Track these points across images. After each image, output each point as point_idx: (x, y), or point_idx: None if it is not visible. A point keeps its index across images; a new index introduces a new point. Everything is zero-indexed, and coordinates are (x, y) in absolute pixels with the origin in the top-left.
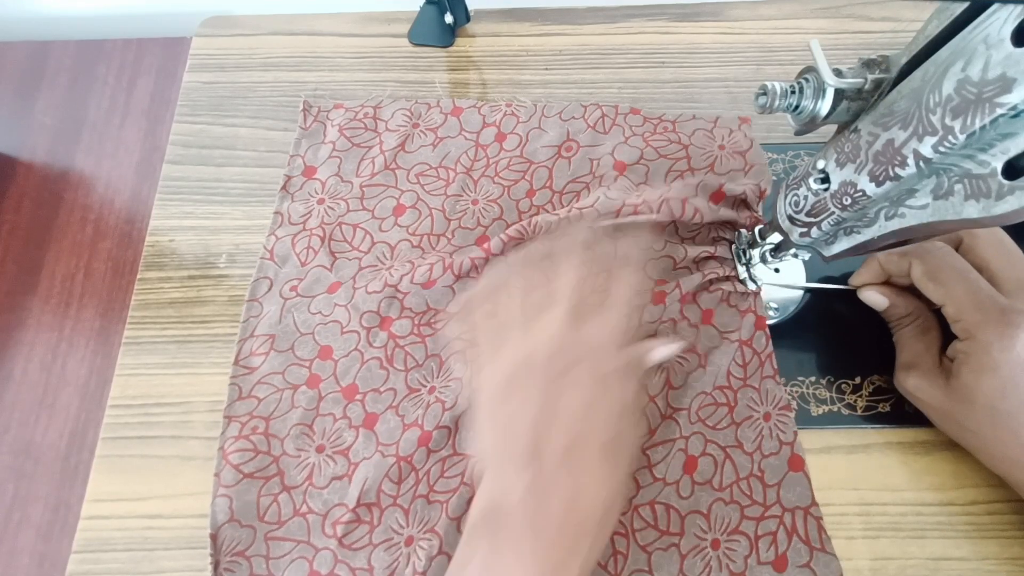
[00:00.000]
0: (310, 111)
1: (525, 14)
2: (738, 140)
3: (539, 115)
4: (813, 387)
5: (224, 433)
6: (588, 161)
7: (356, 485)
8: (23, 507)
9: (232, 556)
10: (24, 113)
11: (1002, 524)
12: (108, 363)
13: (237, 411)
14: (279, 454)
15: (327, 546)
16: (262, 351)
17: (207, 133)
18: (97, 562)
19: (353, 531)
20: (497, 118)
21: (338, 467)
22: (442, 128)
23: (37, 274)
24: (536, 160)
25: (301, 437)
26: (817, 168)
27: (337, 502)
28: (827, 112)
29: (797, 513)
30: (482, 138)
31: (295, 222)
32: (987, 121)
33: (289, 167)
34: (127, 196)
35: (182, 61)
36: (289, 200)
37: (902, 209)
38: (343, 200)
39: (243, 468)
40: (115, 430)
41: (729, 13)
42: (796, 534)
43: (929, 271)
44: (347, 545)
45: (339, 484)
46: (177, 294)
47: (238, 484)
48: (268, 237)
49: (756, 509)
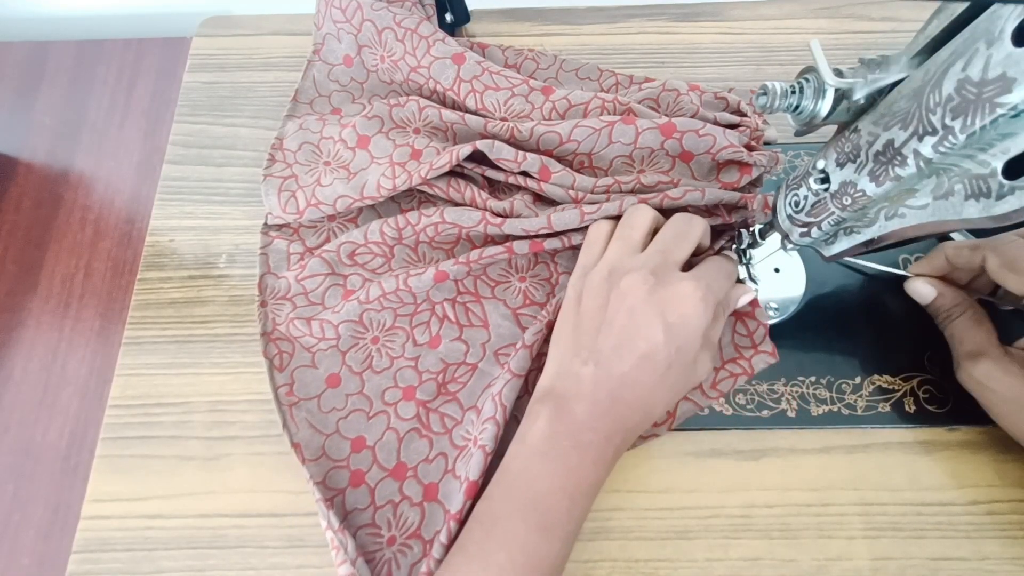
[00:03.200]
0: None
1: (525, 14)
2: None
3: (557, 67)
4: (813, 387)
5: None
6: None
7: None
8: (23, 507)
9: None
10: (24, 113)
11: (1002, 524)
12: (108, 363)
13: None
14: (354, 558)
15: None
16: (298, 461)
17: (207, 133)
18: (97, 562)
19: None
20: (518, 61)
21: (415, 553)
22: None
23: (37, 274)
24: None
25: (368, 537)
26: (817, 168)
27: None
28: (827, 112)
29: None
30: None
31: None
32: (987, 121)
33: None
34: (127, 196)
35: (182, 61)
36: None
37: (902, 209)
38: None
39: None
40: (115, 430)
41: (729, 13)
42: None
43: (1007, 262)
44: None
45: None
46: (177, 294)
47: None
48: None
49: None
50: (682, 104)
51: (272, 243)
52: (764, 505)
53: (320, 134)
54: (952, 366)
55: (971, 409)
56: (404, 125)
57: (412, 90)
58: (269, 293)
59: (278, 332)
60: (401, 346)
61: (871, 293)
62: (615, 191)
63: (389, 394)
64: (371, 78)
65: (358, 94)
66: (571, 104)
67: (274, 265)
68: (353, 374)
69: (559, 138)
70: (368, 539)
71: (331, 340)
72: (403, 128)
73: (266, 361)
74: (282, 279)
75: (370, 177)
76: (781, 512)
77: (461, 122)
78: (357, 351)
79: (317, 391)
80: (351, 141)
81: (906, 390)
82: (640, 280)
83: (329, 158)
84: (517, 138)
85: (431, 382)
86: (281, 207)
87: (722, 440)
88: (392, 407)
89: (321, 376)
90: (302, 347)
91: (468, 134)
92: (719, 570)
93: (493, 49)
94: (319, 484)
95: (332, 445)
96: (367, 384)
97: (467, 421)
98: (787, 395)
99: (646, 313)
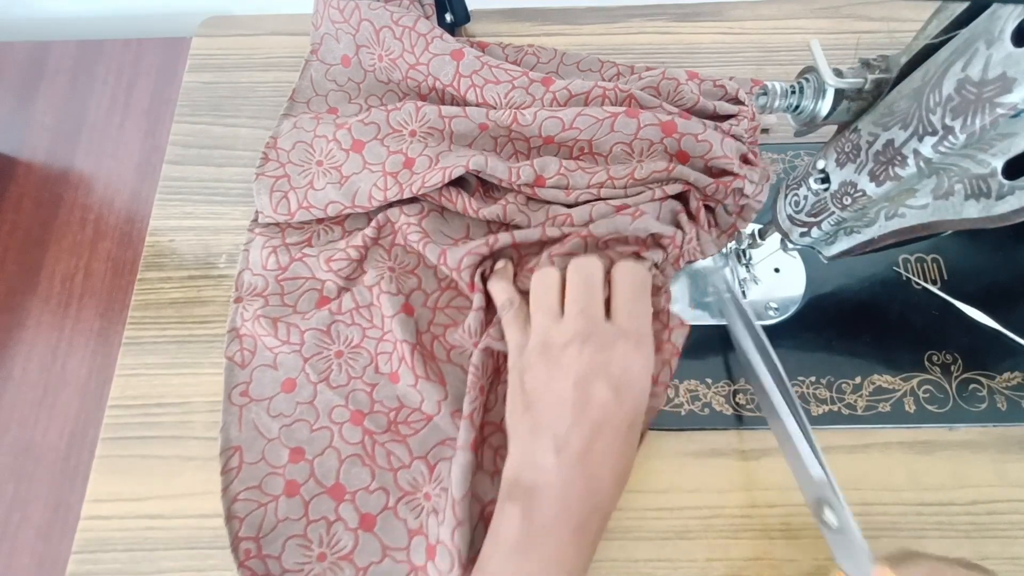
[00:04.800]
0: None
1: (525, 14)
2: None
3: (558, 61)
4: (813, 387)
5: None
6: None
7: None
8: (23, 507)
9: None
10: (24, 113)
11: (1002, 524)
12: (108, 363)
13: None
14: (279, 573)
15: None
16: (234, 465)
17: (207, 133)
18: (97, 562)
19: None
20: (518, 57)
21: (345, 575)
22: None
23: (37, 274)
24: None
25: (298, 549)
26: (817, 168)
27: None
28: (827, 112)
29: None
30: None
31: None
32: (987, 121)
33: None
34: (127, 196)
35: (182, 61)
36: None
37: (902, 209)
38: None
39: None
40: (115, 430)
41: (729, 13)
42: None
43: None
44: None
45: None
46: (177, 294)
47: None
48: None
49: None
50: (682, 93)
51: (253, 240)
52: (764, 505)
53: (314, 132)
54: (952, 366)
55: (971, 409)
56: (400, 128)
57: (411, 88)
58: (246, 289)
59: (245, 328)
60: (363, 368)
61: (871, 293)
62: (608, 187)
63: (337, 412)
64: (368, 78)
65: (355, 94)
66: (572, 94)
67: (252, 262)
68: (309, 382)
69: (562, 124)
70: (298, 550)
71: (295, 344)
72: (399, 132)
73: (225, 361)
74: (258, 276)
75: (362, 184)
76: (781, 512)
77: (462, 115)
78: (319, 360)
79: (271, 393)
80: (345, 143)
81: (906, 390)
82: (576, 352)
83: (321, 157)
84: (520, 122)
85: (382, 415)
86: (272, 207)
87: (722, 440)
88: (337, 426)
89: (279, 378)
90: (264, 346)
91: (468, 128)
92: (719, 570)
93: (493, 47)
94: (254, 488)
95: (271, 450)
96: (319, 396)
97: (415, 469)
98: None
99: (591, 381)
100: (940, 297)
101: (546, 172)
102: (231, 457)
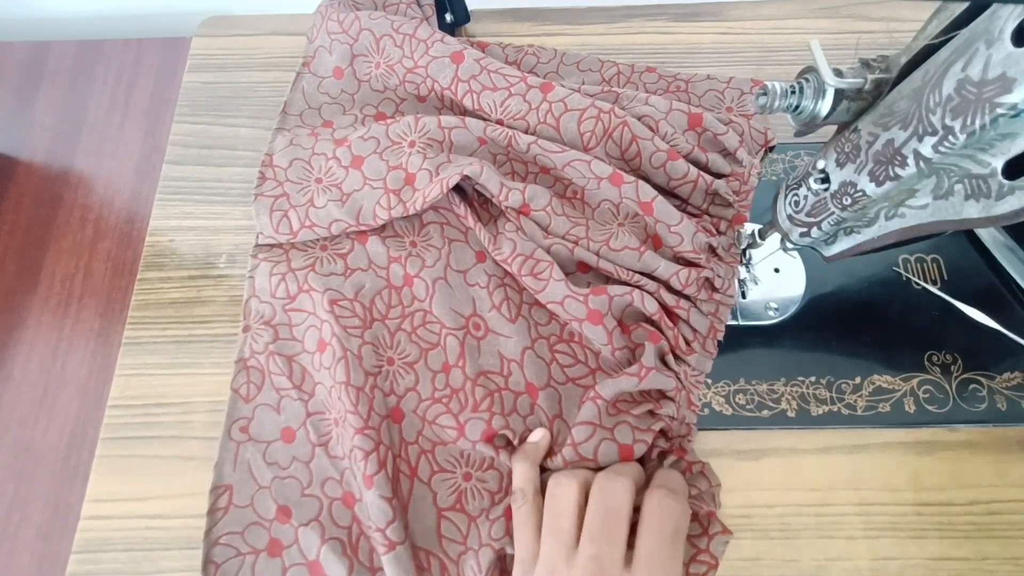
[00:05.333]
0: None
1: (525, 14)
2: (747, 104)
3: (558, 60)
4: (813, 387)
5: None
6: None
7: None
8: (23, 507)
9: None
10: (24, 113)
11: (1002, 524)
12: (108, 363)
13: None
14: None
15: None
16: (221, 505)
17: (207, 133)
18: (97, 562)
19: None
20: (519, 57)
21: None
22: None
23: (37, 274)
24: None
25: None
26: (817, 168)
27: None
28: (827, 112)
29: None
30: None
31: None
32: (987, 121)
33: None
34: (127, 196)
35: (182, 61)
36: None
37: (902, 209)
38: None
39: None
40: (115, 430)
41: (729, 13)
42: None
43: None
44: None
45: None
46: (177, 294)
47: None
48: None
49: None
50: (677, 142)
51: (259, 266)
52: (764, 505)
53: (312, 150)
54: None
55: (971, 409)
56: (399, 140)
57: (409, 92)
58: (254, 317)
59: (255, 360)
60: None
61: (871, 293)
62: (583, 245)
63: (330, 486)
64: (362, 88)
65: (349, 105)
66: (567, 108)
67: (259, 288)
68: (308, 441)
69: (554, 165)
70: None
71: (305, 394)
72: (398, 144)
73: (230, 392)
74: (266, 304)
75: (366, 202)
76: (781, 512)
77: (461, 125)
78: (321, 421)
79: (270, 437)
80: (344, 160)
81: (906, 390)
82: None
83: (321, 175)
84: (514, 148)
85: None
86: (273, 227)
87: (722, 440)
88: (328, 501)
89: (280, 423)
90: (272, 385)
91: (467, 139)
92: (719, 570)
93: (493, 47)
94: (237, 535)
95: (261, 499)
96: (315, 460)
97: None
98: (787, 395)
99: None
100: (940, 297)
101: (533, 203)
102: (220, 496)
